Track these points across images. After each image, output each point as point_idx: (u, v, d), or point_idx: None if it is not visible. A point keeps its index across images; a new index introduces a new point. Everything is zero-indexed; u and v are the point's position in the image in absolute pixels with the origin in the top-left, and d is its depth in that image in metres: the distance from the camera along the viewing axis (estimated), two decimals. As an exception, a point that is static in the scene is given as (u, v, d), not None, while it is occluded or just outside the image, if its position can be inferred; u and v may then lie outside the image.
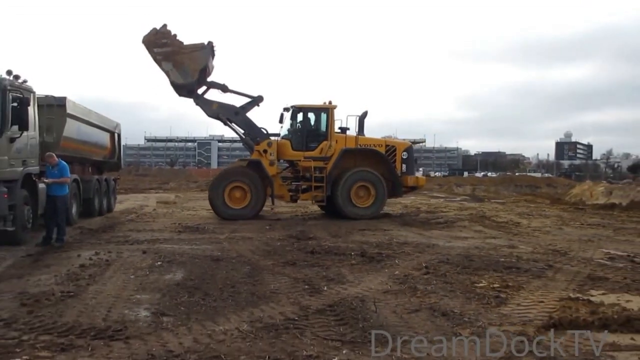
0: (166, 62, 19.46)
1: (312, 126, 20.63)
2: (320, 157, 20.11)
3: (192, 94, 20.42)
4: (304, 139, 20.29)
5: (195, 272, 9.51)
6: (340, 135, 20.40)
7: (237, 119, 20.72)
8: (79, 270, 9.66)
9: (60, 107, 16.26)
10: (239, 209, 19.46)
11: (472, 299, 7.81)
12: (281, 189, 20.49)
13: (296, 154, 20.34)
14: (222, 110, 20.60)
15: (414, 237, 14.53)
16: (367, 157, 20.43)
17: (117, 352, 5.49)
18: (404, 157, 20.72)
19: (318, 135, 20.41)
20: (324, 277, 9.20)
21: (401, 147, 20.91)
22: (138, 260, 10.72)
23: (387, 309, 7.23)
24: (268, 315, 6.84)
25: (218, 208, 19.70)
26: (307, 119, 20.57)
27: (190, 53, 19.62)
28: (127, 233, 15.21)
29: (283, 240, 13.67)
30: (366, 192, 19.95)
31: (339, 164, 20.03)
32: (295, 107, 20.55)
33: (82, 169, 19.54)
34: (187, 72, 19.64)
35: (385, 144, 20.82)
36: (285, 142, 20.46)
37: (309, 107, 20.67)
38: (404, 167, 20.68)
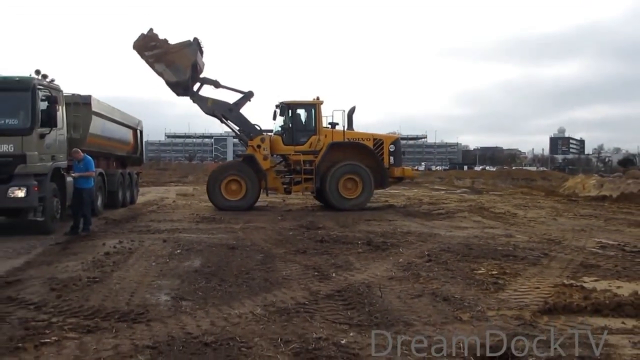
0: (158, 63, 19.40)
1: (301, 121, 20.58)
2: (309, 151, 20.06)
3: (188, 91, 20.36)
4: (293, 134, 20.27)
5: (212, 260, 9.53)
6: (328, 130, 20.32)
7: (232, 116, 20.66)
8: (104, 257, 9.69)
9: (86, 105, 16.30)
10: (235, 201, 19.48)
11: (471, 285, 7.78)
12: (275, 182, 20.45)
13: (287, 149, 20.29)
14: (217, 106, 20.54)
15: (417, 227, 14.50)
16: (355, 151, 20.28)
17: (139, 334, 5.50)
18: (391, 150, 20.59)
19: (307, 130, 20.35)
20: (333, 265, 9.19)
21: (388, 141, 20.79)
22: (159, 248, 10.75)
23: (392, 294, 7.21)
24: (280, 300, 6.84)
25: (215, 200, 19.74)
26: (295, 114, 20.51)
27: (178, 51, 19.52)
28: (148, 223, 15.26)
29: (294, 230, 13.67)
30: (354, 184, 19.82)
31: (328, 158, 19.92)
32: (283, 104, 20.49)
33: (106, 164, 19.61)
34: (179, 70, 19.54)
35: (373, 137, 20.66)
36: (278, 138, 20.45)
37: (297, 104, 20.62)
38: (392, 159, 20.58)
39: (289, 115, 20.43)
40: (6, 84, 12.52)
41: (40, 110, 12.66)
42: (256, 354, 5.01)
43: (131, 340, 5.32)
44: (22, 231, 12.80)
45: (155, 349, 5.09)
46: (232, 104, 20.58)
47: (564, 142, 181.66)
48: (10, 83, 12.54)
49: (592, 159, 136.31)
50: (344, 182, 19.73)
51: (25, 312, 6.28)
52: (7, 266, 9.04)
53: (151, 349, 5.08)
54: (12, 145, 12.19)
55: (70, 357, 4.88)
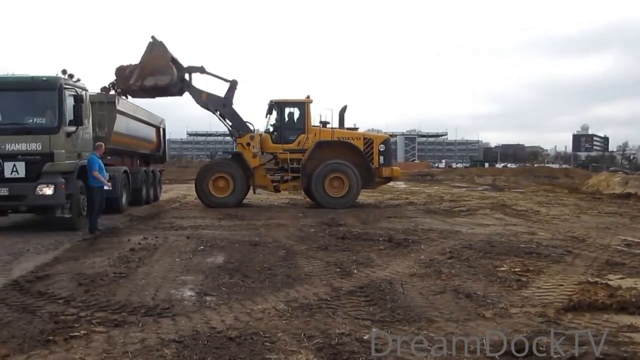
0: (145, 80, 19.32)
1: (290, 120, 20.53)
2: (297, 149, 20.01)
3: (184, 83, 20.35)
4: (282, 133, 20.26)
5: (235, 256, 9.60)
6: (317, 129, 20.28)
7: (225, 111, 20.66)
8: (129, 253, 9.82)
9: (111, 104, 16.50)
10: (222, 198, 19.53)
11: (494, 282, 7.74)
12: (264, 180, 20.40)
13: (276, 147, 20.27)
14: (211, 100, 20.54)
15: (438, 224, 14.44)
16: (342, 150, 20.12)
17: (165, 328, 5.57)
18: (381, 150, 20.38)
19: (296, 128, 20.29)
20: (354, 261, 9.20)
21: (378, 140, 20.59)
22: (182, 244, 10.86)
23: (414, 291, 7.20)
24: (302, 296, 6.87)
25: (203, 196, 19.80)
26: (285, 113, 20.46)
27: (150, 57, 19.45)
28: (172, 220, 15.40)
29: (315, 227, 13.69)
30: (340, 183, 19.69)
31: (315, 156, 19.80)
32: (273, 102, 20.46)
33: (131, 161, 19.83)
34: (164, 71, 19.48)
35: (363, 137, 20.52)
36: (267, 136, 20.45)
37: (286, 102, 20.54)
38: (381, 159, 20.37)
39: (279, 113, 20.41)
40: (34, 84, 12.70)
41: (66, 109, 12.83)
42: (280, 348, 5.05)
43: (157, 334, 5.39)
44: (50, 228, 13.01)
45: (180, 343, 5.15)
46: (224, 98, 20.55)
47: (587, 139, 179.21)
48: (38, 83, 12.72)
49: (616, 156, 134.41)
50: (330, 180, 19.61)
51: (55, 306, 6.39)
52: (37, 262, 9.21)
53: (177, 343, 5.14)
54: (40, 143, 12.37)
55: (99, 351, 4.96)
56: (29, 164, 12.35)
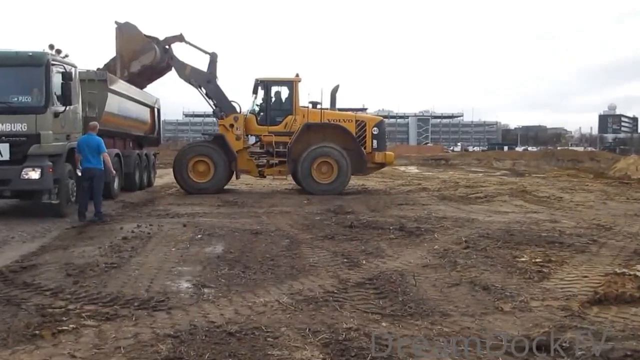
0: (131, 67, 19.39)
1: (277, 100, 20.49)
2: (284, 132, 19.96)
3: (167, 54, 20.35)
4: (268, 114, 20.22)
5: (234, 245, 9.60)
6: (306, 110, 20.21)
7: (209, 88, 20.60)
8: (122, 242, 9.83)
9: (102, 82, 16.45)
10: (203, 183, 19.54)
11: (513, 273, 7.73)
12: (248, 164, 20.40)
13: (261, 129, 20.23)
14: (195, 75, 20.48)
15: (453, 212, 14.41)
16: (332, 133, 20.00)
17: (160, 322, 5.58)
18: (375, 133, 20.27)
19: (283, 109, 20.26)
20: (363, 251, 9.20)
21: (371, 123, 20.48)
22: (178, 233, 10.87)
23: (427, 283, 7.20)
24: (307, 288, 6.87)
25: (181, 182, 19.82)
26: (271, 92, 20.42)
27: (123, 42, 19.53)
28: (167, 207, 15.43)
29: (321, 215, 13.69)
30: (329, 168, 19.60)
31: (302, 139, 19.70)
32: (258, 81, 20.35)
33: (123, 144, 19.79)
34: (143, 49, 19.62)
35: (355, 119, 20.43)
36: (252, 117, 20.39)
37: (272, 80, 20.47)
38: (375, 143, 20.27)
39: (265, 93, 20.34)
40: (19, 60, 12.64)
41: (54, 88, 12.80)
42: (283, 344, 5.05)
43: (152, 328, 5.40)
44: (36, 214, 13.05)
45: (177, 337, 5.16)
46: (208, 73, 20.50)
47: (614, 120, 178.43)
48: (22, 58, 12.65)
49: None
50: (318, 165, 19.52)
51: (42, 298, 6.41)
52: (22, 250, 9.24)
53: (173, 338, 5.15)
54: (26, 124, 12.35)
55: (89, 346, 4.97)
56: (14, 146, 12.34)
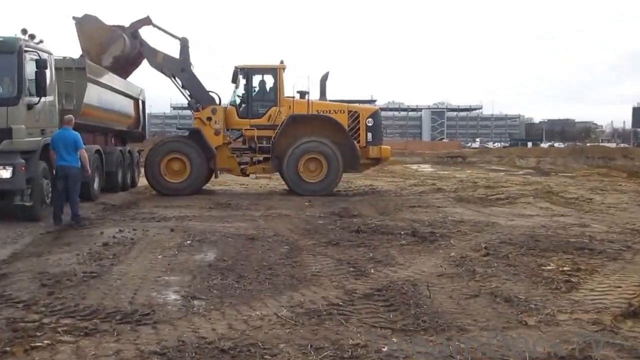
0: (102, 61, 19.33)
1: (259, 90, 20.54)
2: (268, 125, 19.93)
3: (137, 40, 20.37)
4: (250, 105, 20.24)
5: (228, 252, 9.60)
6: (292, 100, 20.20)
7: (183, 77, 20.59)
8: (102, 249, 9.82)
9: (80, 70, 16.42)
10: (177, 183, 19.52)
11: (538, 283, 7.72)
12: (229, 161, 20.41)
13: (243, 122, 20.23)
14: (167, 63, 20.49)
15: (471, 215, 14.42)
16: (322, 125, 19.98)
17: (144, 338, 5.57)
18: (369, 125, 20.26)
19: (266, 100, 20.31)
20: (371, 259, 9.20)
21: (365, 113, 20.48)
22: (166, 238, 10.86)
23: (443, 294, 7.19)
24: (309, 300, 6.87)
25: (153, 181, 19.81)
26: (253, 82, 20.45)
27: (86, 37, 19.59)
28: (152, 209, 15.44)
29: (324, 218, 13.71)
30: (318, 165, 19.59)
31: (288, 133, 19.65)
32: (238, 68, 20.39)
33: (104, 140, 19.81)
34: (110, 39, 19.66)
35: (347, 109, 20.41)
36: (232, 109, 20.40)
37: (254, 68, 20.51)
38: (369, 135, 20.24)
39: (246, 82, 20.36)
40: (-12, 46, 12.66)
41: (27, 77, 12.79)
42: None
43: (135, 345, 5.39)
44: (7, 217, 13.03)
45: (163, 355, 5.15)
46: (181, 60, 20.50)
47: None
48: (-8, 44, 12.67)
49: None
50: (305, 162, 19.50)
51: (13, 311, 6.40)
52: (-9, 258, 9.24)
53: (159, 356, 5.14)
54: (-5, 117, 12.36)
55: (66, 364, 4.97)
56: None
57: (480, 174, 31.70)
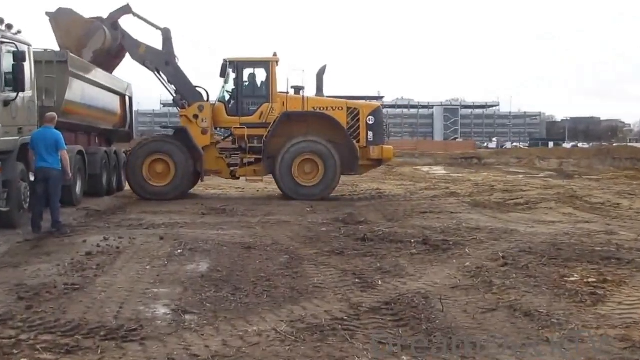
0: (83, 57, 19.25)
1: (249, 85, 20.59)
2: (259, 123, 19.95)
3: (118, 32, 20.40)
4: (239, 102, 20.28)
5: (222, 262, 9.61)
6: (285, 96, 20.28)
7: (167, 71, 20.67)
8: (85, 258, 9.83)
9: (62, 64, 16.44)
10: (161, 187, 19.56)
11: (561, 296, 7.71)
12: (217, 163, 20.44)
13: (232, 120, 20.26)
14: (150, 55, 20.57)
15: (488, 222, 14.42)
16: (318, 123, 20.04)
17: (131, 356, 5.57)
18: (370, 123, 20.26)
19: (257, 96, 20.37)
20: (378, 269, 9.20)
21: (366, 111, 20.46)
22: (155, 247, 10.88)
23: (457, 308, 7.18)
24: (311, 314, 6.86)
25: (135, 184, 19.89)
26: (243, 75, 20.49)
27: (62, 33, 19.59)
28: (140, 215, 15.48)
29: (328, 225, 13.73)
30: (313, 167, 19.61)
31: (281, 132, 19.71)
32: (227, 62, 20.43)
33: (87, 139, 19.84)
34: (89, 32, 19.67)
35: (346, 106, 20.40)
36: (221, 106, 20.46)
37: (244, 61, 20.56)
38: (370, 134, 20.23)
39: (236, 76, 20.40)
40: (-40, 37, 12.67)
41: (4, 70, 12.79)
42: (281, 382, 5.05)
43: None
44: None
45: (151, 374, 5.15)
46: (165, 53, 20.58)
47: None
48: (-35, 35, 12.69)
49: None
50: (300, 163, 19.52)
51: (-12, 326, 6.40)
52: (-36, 269, 9.24)
53: (147, 375, 5.14)
54: (-32, 115, 12.38)
55: (45, 384, 4.97)
56: (-46, 142, 12.36)
57: (498, 177, 31.68)
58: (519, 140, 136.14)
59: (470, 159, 52.55)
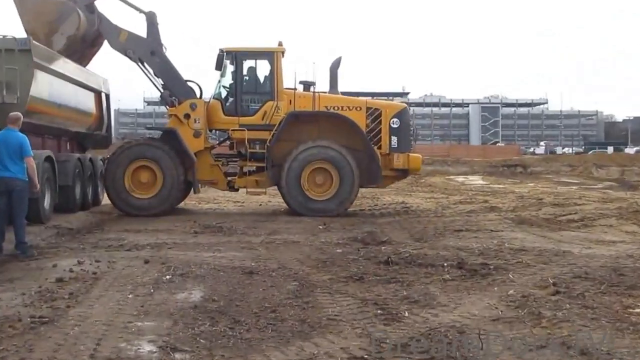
0: (53, 45, 19.50)
1: (250, 80, 20.67)
2: (262, 125, 20.01)
3: (95, 15, 20.38)
4: (239, 99, 20.35)
5: (219, 290, 9.62)
6: (292, 92, 20.34)
7: (153, 62, 20.69)
8: (55, 286, 9.83)
9: (25, 53, 16.37)
10: (145, 200, 19.62)
11: (624, 330, 7.67)
12: (213, 172, 20.48)
13: (230, 121, 20.29)
14: (133, 44, 20.61)
15: (535, 241, 14.41)
16: (332, 126, 20.08)
17: (111, 402, 5.58)
18: (394, 126, 20.29)
19: (259, 92, 20.48)
20: (405, 298, 9.19)
21: (389, 111, 20.49)
22: (138, 272, 10.90)
23: (498, 344, 7.16)
24: (325, 352, 6.87)
25: (115, 196, 19.88)
26: (243, 68, 20.57)
27: (35, 15, 19.83)
28: (121, 234, 15.51)
29: (344, 246, 13.75)
30: (326, 178, 19.65)
31: (288, 135, 19.76)
32: (224, 52, 20.52)
33: (56, 144, 19.86)
34: (60, 15, 19.75)
35: (365, 106, 20.48)
36: (217, 104, 20.53)
37: (245, 51, 20.71)
38: (394, 140, 20.24)
39: (235, 69, 20.46)
40: None
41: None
42: None
43: (99, 410, 5.40)
44: None
45: None
46: (150, 40, 20.58)
47: None
48: None
49: None
50: (310, 173, 19.55)
51: (-59, 367, 6.43)
52: None
53: None
54: None
55: None
56: None
57: (547, 188, 31.68)
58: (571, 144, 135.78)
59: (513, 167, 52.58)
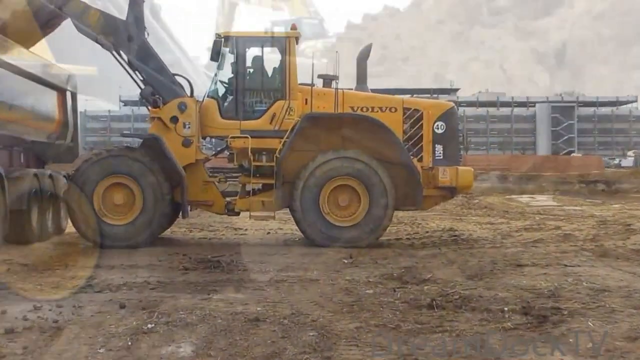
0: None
1: (255, 73, 20.60)
2: (270, 131, 19.87)
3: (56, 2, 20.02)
4: (239, 98, 20.31)
5: (216, 343, 9.62)
6: (308, 89, 20.25)
7: (132, 50, 20.41)
8: (5, 339, 9.85)
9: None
10: (121, 226, 19.47)
11: None
12: (207, 191, 20.30)
13: (229, 126, 20.15)
14: (106, 26, 20.29)
15: (622, 279, 14.39)
16: (359, 132, 19.90)
17: None
18: (439, 132, 20.21)
19: (267, 89, 20.47)
20: (455, 353, 9.18)
21: (433, 113, 20.35)
22: (112, 320, 10.90)
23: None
24: None
25: (82, 224, 19.61)
26: (246, 59, 20.47)
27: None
28: (90, 271, 15.53)
29: (375, 285, 13.75)
30: (352, 198, 19.61)
31: (302, 144, 19.70)
32: (221, 36, 20.47)
33: (8, 157, 19.92)
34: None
35: (402, 106, 20.37)
36: (212, 103, 20.45)
37: (248, 37, 20.78)
38: (439, 149, 20.16)
39: (235, 60, 20.36)
40: None
41: None
42: None
43: None
44: None
45: None
46: (127, 22, 20.32)
47: None
48: None
49: None
50: (331, 193, 19.51)
51: None
52: None
53: None
54: None
55: None
56: None
57: (637, 211, 31.54)
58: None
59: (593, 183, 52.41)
